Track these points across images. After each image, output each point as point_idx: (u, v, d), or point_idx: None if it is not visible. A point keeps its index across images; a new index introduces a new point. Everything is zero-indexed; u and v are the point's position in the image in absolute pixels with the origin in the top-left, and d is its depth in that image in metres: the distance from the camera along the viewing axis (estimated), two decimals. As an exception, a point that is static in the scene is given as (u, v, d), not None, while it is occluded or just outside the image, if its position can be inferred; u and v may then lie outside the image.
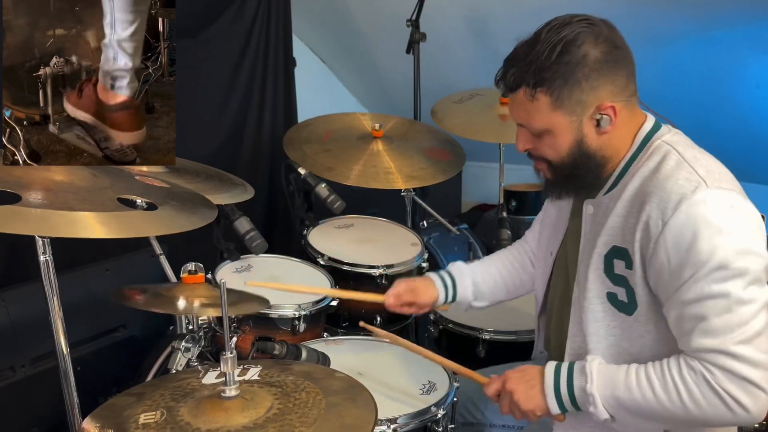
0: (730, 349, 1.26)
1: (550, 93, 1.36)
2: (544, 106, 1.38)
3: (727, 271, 1.26)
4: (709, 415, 1.29)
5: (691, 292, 1.28)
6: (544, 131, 1.41)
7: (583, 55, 1.34)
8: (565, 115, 1.38)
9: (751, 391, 1.26)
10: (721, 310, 1.26)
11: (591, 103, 1.37)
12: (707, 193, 1.29)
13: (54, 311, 1.43)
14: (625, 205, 1.40)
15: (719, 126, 2.93)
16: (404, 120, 2.80)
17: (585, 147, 1.41)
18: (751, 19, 2.70)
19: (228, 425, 1.18)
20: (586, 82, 1.35)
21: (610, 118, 1.38)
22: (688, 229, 1.28)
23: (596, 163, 1.43)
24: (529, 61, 1.36)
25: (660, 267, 1.32)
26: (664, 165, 1.36)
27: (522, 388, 1.45)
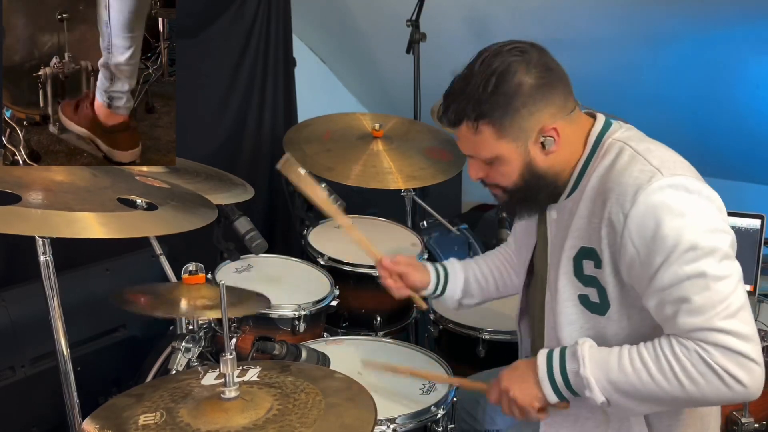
0: (717, 325, 1.26)
1: (491, 124, 1.39)
2: (488, 137, 1.40)
3: (697, 251, 1.27)
4: (706, 393, 1.28)
5: (667, 278, 1.28)
6: (493, 159, 1.44)
7: (519, 84, 1.36)
8: (509, 143, 1.40)
9: (745, 365, 1.25)
10: (700, 288, 1.27)
11: (533, 127, 1.39)
12: (663, 180, 1.30)
13: (54, 311, 1.43)
14: (587, 205, 1.41)
15: (719, 126, 2.92)
16: (404, 120, 2.80)
17: (534, 169, 1.43)
18: (751, 20, 2.69)
19: (228, 426, 1.18)
20: (524, 109, 1.37)
21: (553, 139, 1.40)
22: (650, 218, 1.29)
23: (548, 181, 1.45)
24: (467, 95, 1.39)
25: (630, 260, 1.32)
26: (618, 161, 1.37)
27: (516, 383, 1.44)
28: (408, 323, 2.45)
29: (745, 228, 2.07)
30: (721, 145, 3.01)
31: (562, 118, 1.40)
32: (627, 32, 2.94)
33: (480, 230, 3.26)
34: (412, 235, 2.55)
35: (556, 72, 1.40)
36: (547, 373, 1.40)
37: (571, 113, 1.42)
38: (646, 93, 3.09)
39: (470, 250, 2.88)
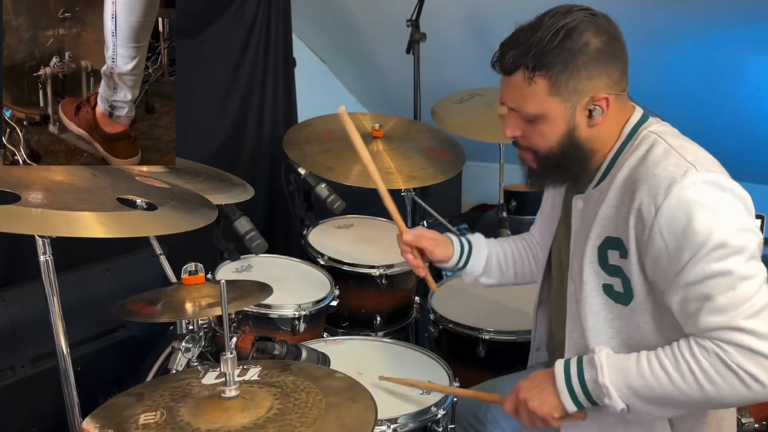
0: (740, 324, 1.24)
1: (548, 77, 1.37)
2: (541, 91, 1.38)
3: (726, 249, 1.26)
4: (726, 394, 1.27)
5: (693, 273, 1.27)
6: (537, 117, 1.41)
7: (585, 44, 1.35)
8: (560, 102, 1.39)
9: (765, 364, 1.24)
10: (726, 287, 1.26)
11: (587, 92, 1.38)
12: (697, 176, 1.29)
13: (54, 311, 1.43)
14: (616, 194, 1.40)
15: (719, 126, 2.92)
16: (404, 120, 2.80)
17: (575, 137, 1.42)
18: (751, 20, 2.69)
19: (228, 425, 1.18)
20: (584, 71, 1.36)
21: (602, 110, 1.39)
22: (682, 212, 1.28)
23: (583, 154, 1.44)
24: (530, 44, 1.37)
25: (657, 253, 1.31)
26: (651, 153, 1.36)
27: (534, 393, 1.43)
28: (408, 323, 2.45)
29: (745, 228, 2.07)
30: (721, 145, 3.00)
31: (615, 93, 1.40)
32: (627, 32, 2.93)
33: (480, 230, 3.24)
34: (412, 235, 2.54)
35: (621, 45, 1.40)
36: (565, 382, 1.40)
37: (622, 92, 1.41)
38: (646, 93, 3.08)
39: (470, 250, 2.87)
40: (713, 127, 2.85)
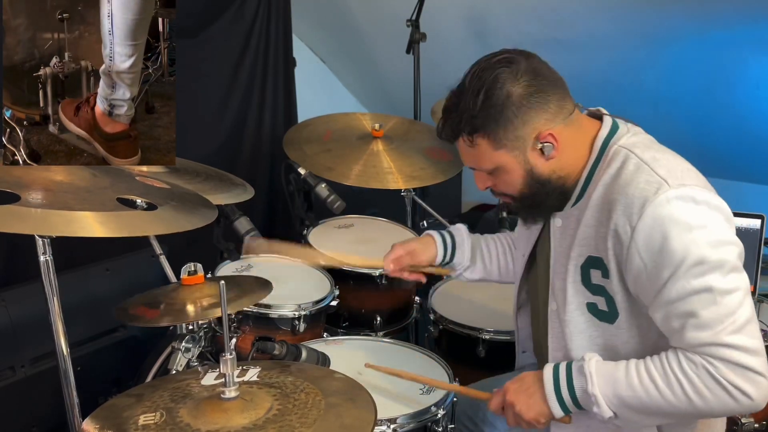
0: (725, 340, 1.26)
1: (486, 136, 1.40)
2: (486, 149, 1.42)
3: (704, 265, 1.27)
4: (713, 406, 1.29)
5: (674, 292, 1.28)
6: (494, 170, 1.45)
7: (507, 95, 1.37)
8: (507, 152, 1.42)
9: (753, 378, 1.26)
10: (708, 303, 1.27)
11: (528, 135, 1.40)
12: (670, 192, 1.30)
13: (54, 311, 1.43)
14: (593, 214, 1.41)
15: (719, 126, 2.92)
16: (404, 120, 2.80)
17: (537, 175, 1.44)
18: (751, 20, 2.69)
19: (228, 426, 1.18)
20: (517, 119, 1.38)
21: (552, 145, 1.41)
22: (657, 231, 1.29)
23: (554, 186, 1.45)
24: (460, 111, 1.41)
25: (637, 272, 1.33)
26: (624, 170, 1.37)
27: (522, 397, 1.44)
28: (408, 323, 2.45)
29: (745, 228, 2.07)
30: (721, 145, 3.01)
31: (560, 123, 1.40)
32: (627, 32, 2.94)
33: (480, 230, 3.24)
34: (412, 235, 2.54)
35: (548, 77, 1.40)
36: (554, 389, 1.41)
37: (569, 116, 1.42)
38: (647, 93, 3.09)
39: (470, 250, 2.87)
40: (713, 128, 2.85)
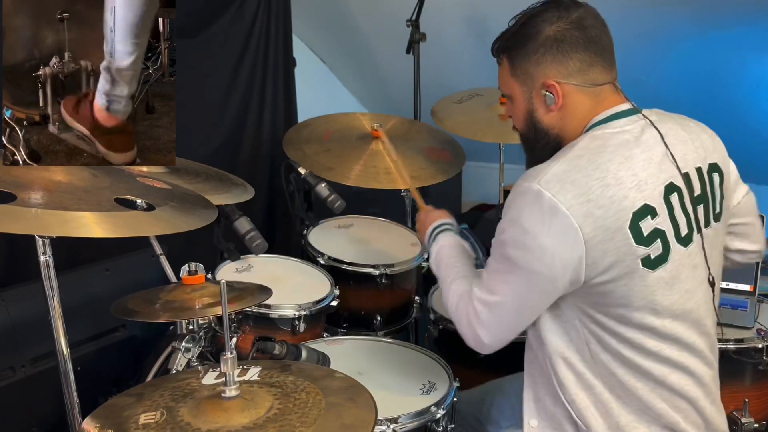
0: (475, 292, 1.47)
1: (508, 59, 1.48)
2: (506, 71, 1.49)
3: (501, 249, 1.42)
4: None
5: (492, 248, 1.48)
6: (508, 97, 1.52)
7: (537, 31, 1.42)
8: (518, 84, 1.48)
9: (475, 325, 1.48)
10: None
11: (538, 77, 1.44)
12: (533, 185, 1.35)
13: (54, 311, 1.43)
14: None
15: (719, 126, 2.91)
16: (404, 120, 2.80)
17: (536, 121, 1.48)
18: (751, 20, 2.70)
19: (228, 425, 1.18)
20: (533, 57, 1.43)
21: (553, 97, 1.43)
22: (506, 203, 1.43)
23: (548, 140, 1.49)
24: (505, 30, 1.50)
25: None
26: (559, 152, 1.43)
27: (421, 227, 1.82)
28: (408, 323, 2.45)
29: (745, 228, 2.07)
30: (721, 145, 3.01)
31: (573, 83, 1.42)
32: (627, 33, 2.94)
33: (480, 230, 3.26)
34: (412, 235, 2.54)
35: (586, 38, 1.41)
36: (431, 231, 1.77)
37: (591, 85, 1.42)
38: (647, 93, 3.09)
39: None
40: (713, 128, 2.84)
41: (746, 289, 2.04)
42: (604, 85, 1.43)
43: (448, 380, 1.76)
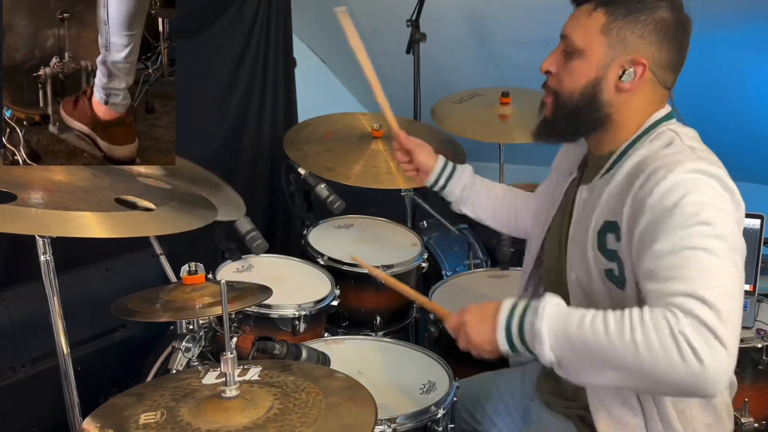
0: (702, 294, 1.18)
1: (607, 15, 1.39)
2: (595, 25, 1.40)
3: (711, 227, 1.23)
4: (659, 360, 1.17)
5: (671, 242, 1.24)
6: (577, 51, 1.42)
7: (656, 6, 1.38)
8: (604, 44, 1.40)
9: (711, 343, 1.15)
10: (701, 262, 1.22)
11: (631, 48, 1.39)
12: (699, 164, 1.30)
13: (54, 311, 1.43)
14: (619, 182, 1.40)
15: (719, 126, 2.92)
16: (404, 120, 2.80)
17: (599, 90, 1.41)
18: (751, 20, 2.70)
19: (228, 425, 1.18)
20: (641, 28, 1.38)
21: (634, 74, 1.40)
22: (678, 190, 1.27)
23: (598, 116, 1.43)
24: None
25: (644, 225, 1.30)
26: (666, 149, 1.37)
27: (476, 319, 1.39)
28: (408, 323, 2.45)
29: (745, 228, 2.07)
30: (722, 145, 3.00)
31: (655, 73, 1.41)
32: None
33: (480, 230, 3.25)
34: (412, 235, 2.55)
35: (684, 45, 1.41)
36: (506, 320, 1.34)
37: (661, 85, 1.42)
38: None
39: (470, 249, 2.87)
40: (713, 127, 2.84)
41: (746, 288, 2.04)
42: (666, 90, 1.45)
43: (448, 380, 1.76)
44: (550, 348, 1.27)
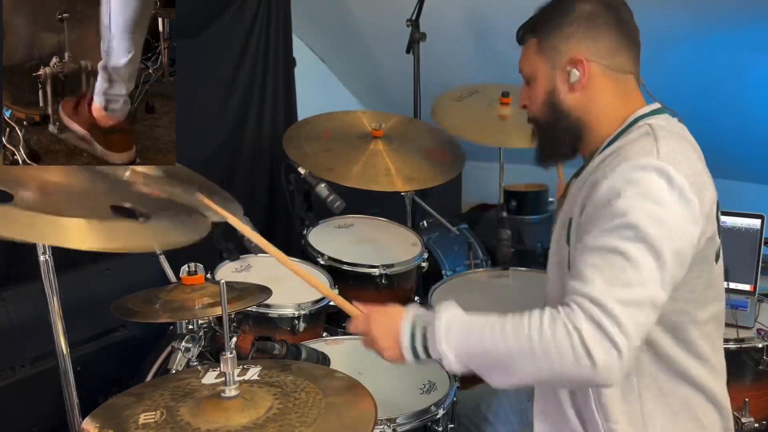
0: (605, 303, 1.19)
1: (536, 35, 1.45)
2: (531, 49, 1.46)
3: (635, 231, 1.22)
4: (552, 357, 1.19)
5: (595, 241, 1.25)
6: (529, 78, 1.48)
7: (571, 7, 1.41)
8: (543, 61, 1.44)
9: (606, 347, 1.17)
10: (615, 266, 1.21)
11: (564, 53, 1.42)
12: (651, 161, 1.26)
13: (54, 311, 1.43)
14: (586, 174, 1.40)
15: (719, 126, 2.92)
16: (404, 119, 2.80)
17: (557, 101, 1.44)
18: (751, 20, 2.69)
19: (228, 425, 1.18)
20: (566, 29, 1.41)
21: (579, 74, 1.41)
22: (618, 185, 1.26)
23: (571, 124, 1.45)
24: (537, 9, 1.47)
25: (582, 218, 1.32)
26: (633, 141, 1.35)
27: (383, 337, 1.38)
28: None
29: (745, 228, 2.07)
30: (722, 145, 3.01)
31: (600, 64, 1.41)
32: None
33: (480, 230, 3.26)
34: (412, 235, 2.55)
35: (622, 22, 1.41)
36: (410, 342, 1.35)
37: (617, 72, 1.42)
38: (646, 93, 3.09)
39: (470, 249, 2.88)
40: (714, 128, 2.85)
41: (746, 288, 2.04)
42: (628, 75, 1.43)
43: (448, 380, 1.76)
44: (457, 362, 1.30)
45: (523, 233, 3.28)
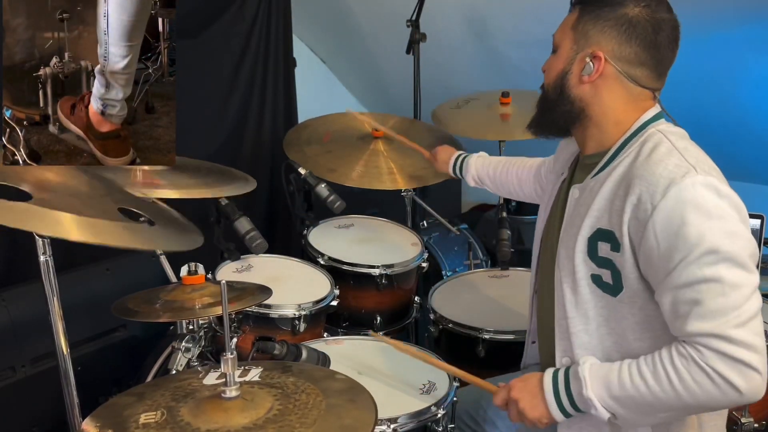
0: (727, 333, 1.25)
1: (579, 11, 1.46)
2: (569, 22, 1.47)
3: (717, 255, 1.26)
4: (699, 396, 1.28)
5: (683, 277, 1.28)
6: (556, 47, 1.50)
7: (624, 5, 1.41)
8: (571, 40, 1.46)
9: (744, 372, 1.25)
10: (715, 293, 1.26)
11: (591, 42, 1.43)
12: (697, 178, 1.30)
13: (54, 311, 1.43)
14: (611, 188, 1.40)
15: (719, 126, 2.92)
16: (404, 119, 2.80)
17: (566, 84, 1.47)
18: (751, 20, 2.69)
19: (228, 426, 1.18)
20: (602, 22, 1.42)
21: (592, 67, 1.43)
22: (677, 213, 1.28)
23: (573, 112, 1.47)
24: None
25: (650, 251, 1.32)
26: (655, 151, 1.37)
27: (526, 396, 1.47)
28: (408, 323, 2.45)
29: (745, 228, 2.07)
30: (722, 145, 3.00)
31: (617, 68, 1.42)
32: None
33: (480, 230, 3.26)
34: (412, 235, 2.55)
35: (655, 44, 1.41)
36: (554, 394, 1.43)
37: (631, 81, 1.43)
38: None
39: (470, 250, 2.88)
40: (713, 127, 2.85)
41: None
42: (644, 90, 1.44)
43: (448, 380, 1.76)
44: (604, 409, 1.38)
45: (523, 233, 3.28)
